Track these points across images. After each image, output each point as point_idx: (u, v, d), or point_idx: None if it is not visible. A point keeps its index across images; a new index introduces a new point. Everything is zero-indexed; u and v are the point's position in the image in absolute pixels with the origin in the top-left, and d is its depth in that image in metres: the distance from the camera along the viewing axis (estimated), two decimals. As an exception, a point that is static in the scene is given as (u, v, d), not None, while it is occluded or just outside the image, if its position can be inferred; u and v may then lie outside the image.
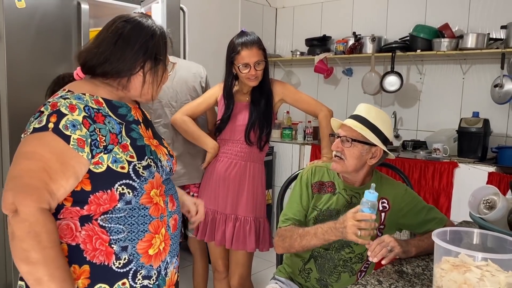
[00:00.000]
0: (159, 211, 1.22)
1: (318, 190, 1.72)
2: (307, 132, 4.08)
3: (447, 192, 3.11)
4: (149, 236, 1.20)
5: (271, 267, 3.44)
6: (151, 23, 1.25)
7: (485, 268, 1.14)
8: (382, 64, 3.88)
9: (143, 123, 1.28)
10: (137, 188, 1.16)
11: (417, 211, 1.68)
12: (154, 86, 1.25)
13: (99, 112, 1.15)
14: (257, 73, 2.08)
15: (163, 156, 1.28)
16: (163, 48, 1.25)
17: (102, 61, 1.19)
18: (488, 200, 1.53)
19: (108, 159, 1.12)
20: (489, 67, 3.34)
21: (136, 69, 1.21)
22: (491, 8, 3.32)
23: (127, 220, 1.16)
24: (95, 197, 1.13)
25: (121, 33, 1.19)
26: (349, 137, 1.61)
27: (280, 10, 4.63)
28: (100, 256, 1.14)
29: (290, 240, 1.58)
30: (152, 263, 1.21)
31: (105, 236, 1.14)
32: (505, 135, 3.32)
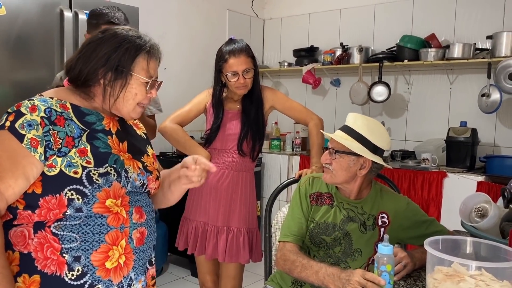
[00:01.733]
0: (120, 221, 1.15)
1: (316, 202, 1.66)
2: (295, 142, 4.04)
3: (437, 202, 3.09)
4: (105, 247, 1.13)
5: (259, 281, 3.37)
6: (127, 35, 1.19)
7: (479, 278, 1.10)
8: (370, 75, 3.88)
9: (116, 134, 1.23)
10: (88, 195, 1.11)
11: (419, 225, 1.63)
12: (111, 99, 1.19)
13: (62, 115, 1.13)
14: (246, 81, 2.03)
15: (134, 169, 1.22)
16: (130, 60, 1.18)
17: (70, 69, 1.19)
18: (480, 208, 1.50)
19: (62, 162, 1.09)
20: (475, 76, 3.35)
21: (98, 78, 1.18)
22: (476, 18, 3.35)
23: (81, 228, 1.11)
24: (44, 201, 1.09)
25: (90, 42, 1.20)
26: (335, 149, 1.58)
27: (267, 22, 4.63)
28: (52, 265, 1.09)
29: (291, 266, 1.52)
30: (111, 277, 1.14)
31: (56, 245, 1.09)
32: (493, 145, 3.32)
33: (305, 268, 1.47)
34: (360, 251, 1.59)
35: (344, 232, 1.59)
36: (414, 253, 1.47)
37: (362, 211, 1.61)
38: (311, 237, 1.61)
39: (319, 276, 1.42)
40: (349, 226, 1.60)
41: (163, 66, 3.62)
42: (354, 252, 1.59)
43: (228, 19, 4.21)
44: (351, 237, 1.59)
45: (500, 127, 3.30)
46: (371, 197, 1.64)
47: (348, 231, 1.59)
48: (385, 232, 1.61)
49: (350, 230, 1.59)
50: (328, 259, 1.59)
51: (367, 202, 1.63)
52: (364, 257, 1.60)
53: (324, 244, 1.60)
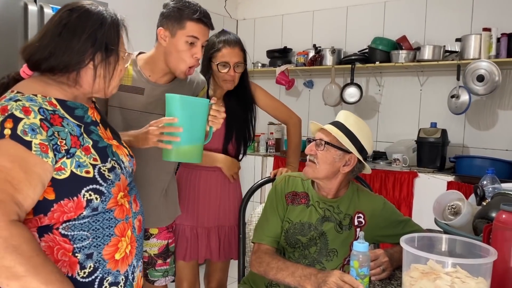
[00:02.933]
0: (124, 212, 1.15)
1: (292, 201, 1.63)
2: (269, 143, 4.03)
3: (408, 202, 3.12)
4: (115, 240, 1.13)
5: (232, 283, 3.32)
6: (101, 10, 1.13)
7: (454, 275, 1.10)
8: (342, 76, 3.91)
9: (101, 123, 1.20)
10: (105, 193, 1.09)
11: (395, 225, 1.62)
12: (107, 79, 1.14)
13: (55, 113, 1.05)
14: (236, 75, 1.94)
15: (125, 157, 1.21)
16: (116, 37, 1.14)
17: (47, 55, 1.08)
18: (453, 206, 1.51)
19: (72, 164, 1.05)
20: (445, 78, 3.42)
21: (85, 61, 1.10)
22: (446, 21, 3.42)
23: (91, 225, 1.09)
24: (59, 205, 1.04)
25: (65, 23, 1.08)
26: (324, 140, 1.55)
27: (241, 22, 4.60)
28: (63, 268, 1.06)
29: (267, 267, 1.48)
30: (119, 268, 1.14)
31: (68, 246, 1.06)
32: (462, 145, 3.39)
33: (281, 269, 1.44)
34: (336, 251, 1.57)
35: (319, 232, 1.57)
36: (394, 253, 1.46)
37: (338, 210, 1.59)
38: (286, 238, 1.58)
39: (295, 276, 1.39)
40: (324, 225, 1.57)
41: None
42: (330, 253, 1.57)
43: (200, 19, 4.16)
44: (327, 237, 1.57)
45: (468, 128, 3.37)
46: (348, 196, 1.63)
47: (324, 230, 1.57)
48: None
49: (326, 230, 1.57)
50: (303, 260, 1.56)
51: (344, 202, 1.61)
52: (339, 257, 1.58)
53: (299, 245, 1.57)
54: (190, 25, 1.60)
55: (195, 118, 1.45)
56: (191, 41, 1.60)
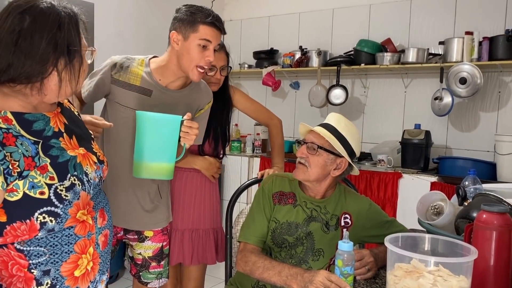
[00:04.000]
0: (87, 229, 1.10)
1: (279, 201, 1.64)
2: (256, 144, 4.04)
3: (392, 202, 3.17)
4: (74, 256, 1.08)
5: (219, 284, 3.33)
6: (56, 7, 1.02)
7: (437, 273, 1.13)
8: (328, 78, 3.94)
9: (66, 132, 1.11)
10: (61, 214, 1.03)
11: (380, 226, 1.65)
12: (73, 83, 1.05)
13: (9, 132, 0.97)
14: (221, 78, 2.00)
15: (90, 166, 1.13)
16: (76, 36, 1.04)
17: (4, 67, 0.97)
18: (436, 206, 1.54)
19: (24, 185, 0.97)
20: (429, 81, 3.48)
21: (49, 70, 1.01)
22: (429, 25, 3.48)
23: (48, 241, 1.04)
24: (11, 228, 0.98)
25: (20, 30, 0.97)
26: (316, 144, 1.56)
27: (227, 23, 4.60)
28: (18, 283, 1.02)
29: (253, 267, 1.49)
30: (79, 285, 1.10)
31: (23, 261, 1.02)
32: (445, 146, 3.46)
33: (267, 269, 1.45)
34: (322, 251, 1.59)
35: (306, 232, 1.58)
36: (379, 253, 1.48)
37: (325, 210, 1.61)
38: (273, 237, 1.59)
39: (281, 276, 1.40)
40: (311, 225, 1.59)
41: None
42: (316, 252, 1.58)
43: (187, 19, 4.15)
44: (313, 237, 1.58)
45: (451, 129, 3.44)
46: (335, 197, 1.64)
47: (311, 230, 1.59)
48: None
49: (313, 229, 1.59)
50: (290, 259, 1.58)
51: (331, 202, 1.63)
52: (326, 257, 1.59)
53: (286, 244, 1.58)
54: (203, 29, 1.63)
55: (165, 136, 1.44)
56: (204, 44, 1.63)
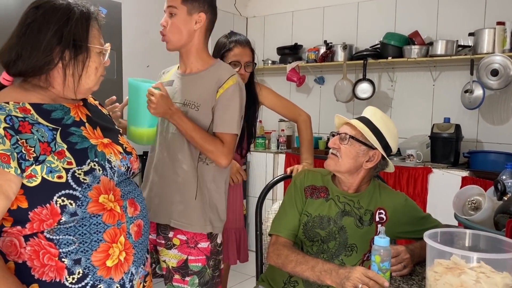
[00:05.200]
0: (115, 217, 1.10)
1: (311, 195, 1.63)
2: (280, 141, 4.03)
3: (422, 198, 3.11)
4: (104, 245, 1.08)
5: (246, 280, 3.34)
6: (69, 3, 1.06)
7: (479, 270, 1.10)
8: (354, 72, 3.89)
9: (88, 122, 1.14)
10: (80, 197, 1.04)
11: (416, 222, 1.62)
12: (76, 78, 1.07)
13: (25, 120, 1.01)
14: (246, 74, 2.01)
15: (115, 155, 1.14)
16: (84, 31, 1.06)
17: (14, 58, 1.02)
18: (473, 201, 1.50)
19: (42, 170, 1.00)
20: (458, 73, 3.39)
21: (54, 61, 1.03)
22: (458, 16, 3.39)
23: (77, 230, 1.04)
24: (34, 213, 1.01)
25: (30, 22, 1.02)
26: (348, 134, 1.55)
27: (250, 20, 4.60)
28: (50, 272, 1.03)
29: (285, 260, 1.48)
30: (112, 275, 1.10)
31: (53, 250, 1.03)
32: (476, 140, 3.37)
33: (300, 263, 1.44)
34: (356, 246, 1.57)
35: (339, 226, 1.57)
36: (414, 249, 1.45)
37: (358, 205, 1.59)
38: (305, 231, 1.58)
39: (315, 271, 1.39)
40: (344, 220, 1.58)
41: (145, 64, 3.56)
42: (349, 248, 1.56)
43: (211, 17, 4.16)
44: (346, 231, 1.57)
45: (482, 122, 3.35)
46: (369, 192, 1.62)
47: (344, 225, 1.57)
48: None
49: (346, 224, 1.57)
50: (322, 254, 1.56)
51: (364, 197, 1.61)
52: (359, 253, 1.57)
53: (318, 238, 1.57)
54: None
55: (141, 102, 1.51)
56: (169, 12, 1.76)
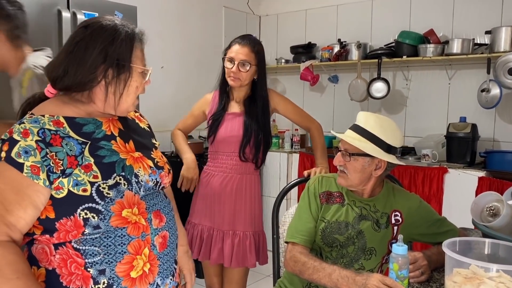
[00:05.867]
0: (140, 229, 1.12)
1: (326, 201, 1.64)
2: (294, 140, 4.03)
3: (438, 198, 3.09)
4: (128, 257, 1.10)
5: (263, 279, 3.36)
6: (116, 24, 1.12)
7: (498, 280, 1.10)
8: (368, 71, 3.87)
9: (120, 136, 1.17)
10: (102, 211, 1.06)
11: (431, 224, 1.62)
12: (117, 97, 1.12)
13: (57, 134, 1.06)
14: (241, 74, 1.99)
15: (144, 170, 1.17)
16: (128, 52, 1.11)
17: (61, 74, 1.08)
18: (492, 207, 1.49)
19: (69, 183, 1.04)
20: (475, 72, 3.35)
21: (98, 78, 1.09)
22: (474, 14, 3.34)
23: (102, 241, 1.08)
24: (60, 224, 1.05)
25: (78, 40, 1.08)
26: (349, 151, 1.55)
27: (263, 18, 4.59)
28: (77, 280, 1.07)
29: (302, 267, 1.49)
30: (137, 286, 1.12)
31: (80, 260, 1.07)
32: (492, 140, 3.33)
33: (317, 270, 1.45)
34: (375, 250, 1.58)
35: (357, 231, 1.58)
36: (432, 255, 1.46)
37: (374, 209, 1.60)
38: (323, 237, 1.59)
39: (332, 278, 1.40)
40: (362, 224, 1.58)
41: (160, 65, 3.59)
42: (368, 251, 1.57)
43: (224, 16, 4.17)
44: (365, 235, 1.57)
45: (499, 122, 3.31)
46: (384, 195, 1.63)
47: (362, 229, 1.58)
48: (399, 230, 1.60)
49: (363, 228, 1.58)
50: (341, 259, 1.57)
51: (380, 200, 1.62)
52: (378, 256, 1.58)
53: (337, 244, 1.58)
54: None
55: None
56: None
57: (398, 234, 1.60)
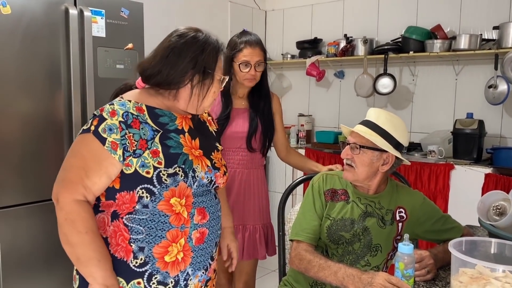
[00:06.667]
0: (181, 221, 1.25)
1: (331, 198, 1.65)
2: (300, 135, 4.03)
3: (444, 195, 3.09)
4: (165, 242, 1.24)
5: (267, 274, 3.38)
6: (205, 37, 1.29)
7: (504, 280, 1.10)
8: (374, 66, 3.86)
9: (189, 132, 1.32)
10: (156, 194, 1.22)
11: (435, 221, 1.63)
12: (200, 99, 1.29)
13: (137, 118, 1.23)
14: (256, 74, 2.03)
15: (202, 167, 1.31)
16: (213, 62, 1.28)
17: (155, 73, 1.26)
18: (498, 206, 1.49)
19: (137, 162, 1.20)
20: (482, 67, 3.33)
21: (185, 82, 1.26)
22: (482, 9, 3.31)
23: (147, 223, 1.23)
24: (120, 195, 1.22)
25: (173, 47, 1.26)
26: (358, 144, 1.55)
27: (269, 13, 4.58)
28: (121, 251, 1.23)
29: (308, 265, 1.50)
30: (168, 270, 1.25)
31: (126, 234, 1.23)
32: (499, 136, 3.32)
33: (322, 268, 1.46)
34: (380, 246, 1.58)
35: (363, 228, 1.58)
36: (438, 253, 1.46)
37: (379, 205, 1.61)
38: (329, 235, 1.59)
39: (338, 276, 1.40)
40: (367, 221, 1.59)
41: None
42: (374, 248, 1.58)
43: (230, 11, 4.16)
44: (370, 232, 1.58)
45: (506, 118, 3.29)
46: (388, 192, 1.64)
47: (367, 226, 1.58)
48: (403, 227, 1.61)
49: (369, 225, 1.59)
50: (347, 256, 1.58)
51: (384, 197, 1.62)
52: (383, 253, 1.59)
53: (343, 241, 1.59)
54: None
55: None
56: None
57: (403, 230, 1.61)
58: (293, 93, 4.43)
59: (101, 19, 2.30)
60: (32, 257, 2.09)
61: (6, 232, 2.00)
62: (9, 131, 2.00)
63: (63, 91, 2.18)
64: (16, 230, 2.04)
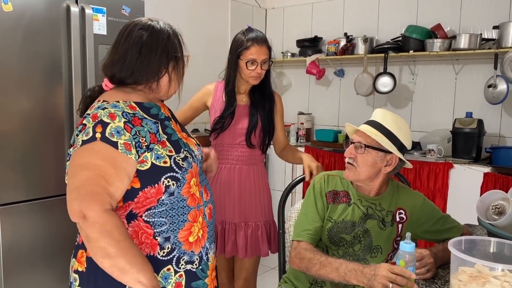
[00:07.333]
0: (196, 201, 1.31)
1: (333, 200, 1.65)
2: (300, 134, 4.04)
3: (443, 194, 3.10)
4: (188, 224, 1.29)
5: (267, 272, 3.39)
6: (162, 25, 1.32)
7: (503, 279, 1.11)
8: (374, 65, 3.86)
9: (172, 118, 1.36)
10: (180, 179, 1.25)
11: (435, 222, 1.64)
12: (180, 81, 1.35)
13: (135, 116, 1.23)
14: (262, 72, 2.04)
15: (194, 146, 1.36)
16: (179, 45, 1.33)
17: (130, 73, 1.27)
18: (497, 206, 1.50)
19: (152, 156, 1.22)
20: (482, 67, 3.34)
21: (162, 72, 1.29)
22: (482, 8, 3.32)
23: (168, 212, 1.25)
24: (143, 193, 1.22)
25: (142, 42, 1.26)
26: (363, 143, 1.56)
27: (270, 11, 4.58)
28: (146, 248, 1.24)
29: (308, 264, 1.50)
30: (193, 249, 1.31)
31: (149, 230, 1.24)
32: (498, 135, 3.33)
33: (323, 265, 1.46)
34: (380, 248, 1.59)
35: (363, 230, 1.59)
36: (437, 252, 1.47)
37: (380, 207, 1.61)
38: (330, 237, 1.60)
39: (340, 272, 1.41)
40: (368, 223, 1.60)
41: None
42: (374, 249, 1.59)
43: (230, 9, 4.16)
44: (371, 234, 1.59)
45: (505, 117, 3.30)
46: (389, 193, 1.64)
47: (368, 228, 1.59)
48: (403, 228, 1.62)
49: (369, 227, 1.59)
50: (348, 257, 1.58)
51: (385, 199, 1.63)
52: (383, 254, 1.60)
53: (344, 243, 1.59)
54: None
55: None
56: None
57: (402, 231, 1.62)
58: (293, 91, 4.44)
59: (102, 16, 2.31)
60: (33, 254, 2.10)
61: (7, 229, 2.01)
62: (10, 128, 2.01)
63: (64, 89, 2.19)
64: (17, 227, 2.05)
